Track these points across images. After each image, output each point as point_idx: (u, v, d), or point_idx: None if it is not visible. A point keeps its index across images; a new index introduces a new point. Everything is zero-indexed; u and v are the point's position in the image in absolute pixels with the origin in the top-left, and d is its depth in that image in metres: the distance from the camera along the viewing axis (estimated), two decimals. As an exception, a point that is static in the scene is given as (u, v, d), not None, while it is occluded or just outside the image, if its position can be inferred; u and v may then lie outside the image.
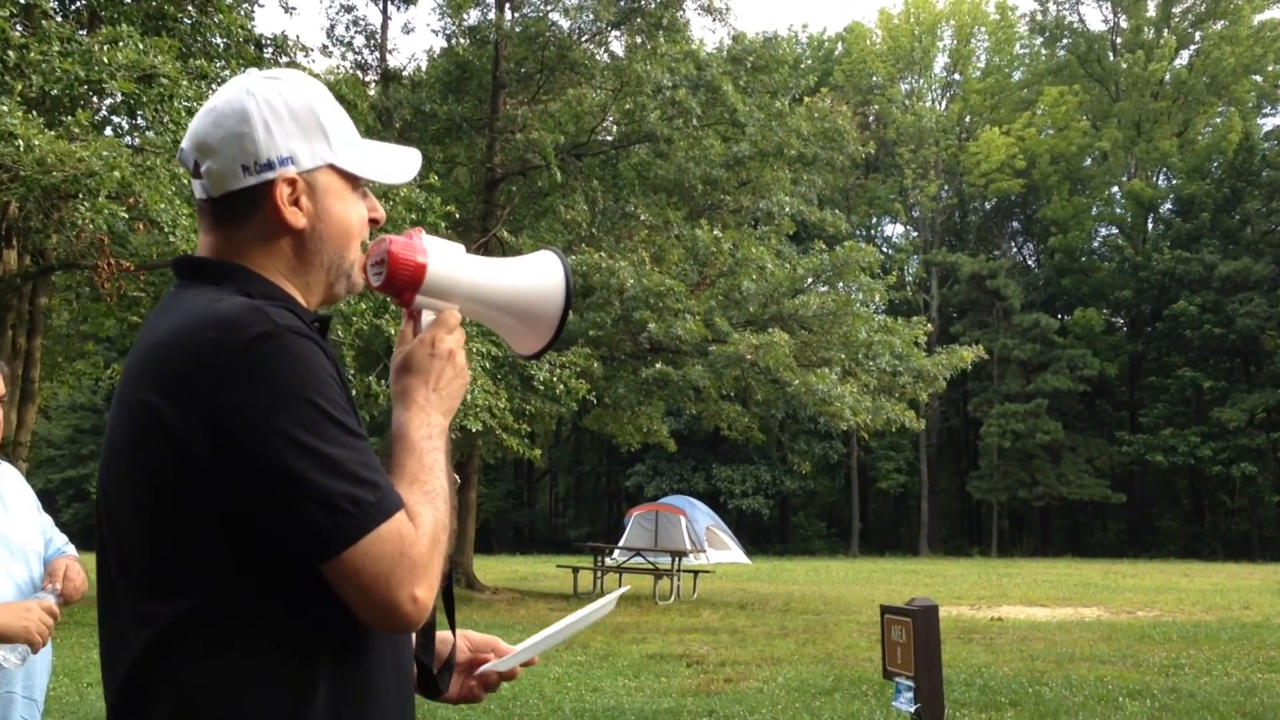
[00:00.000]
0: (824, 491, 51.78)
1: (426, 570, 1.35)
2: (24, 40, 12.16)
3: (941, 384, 19.41)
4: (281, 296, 1.47)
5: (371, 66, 23.05)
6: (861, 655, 11.59)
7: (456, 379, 1.54)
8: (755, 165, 20.69)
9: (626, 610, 17.11)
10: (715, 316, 18.21)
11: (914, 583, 23.83)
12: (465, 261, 1.58)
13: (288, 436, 1.30)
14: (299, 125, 1.47)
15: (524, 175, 21.04)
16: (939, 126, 50.95)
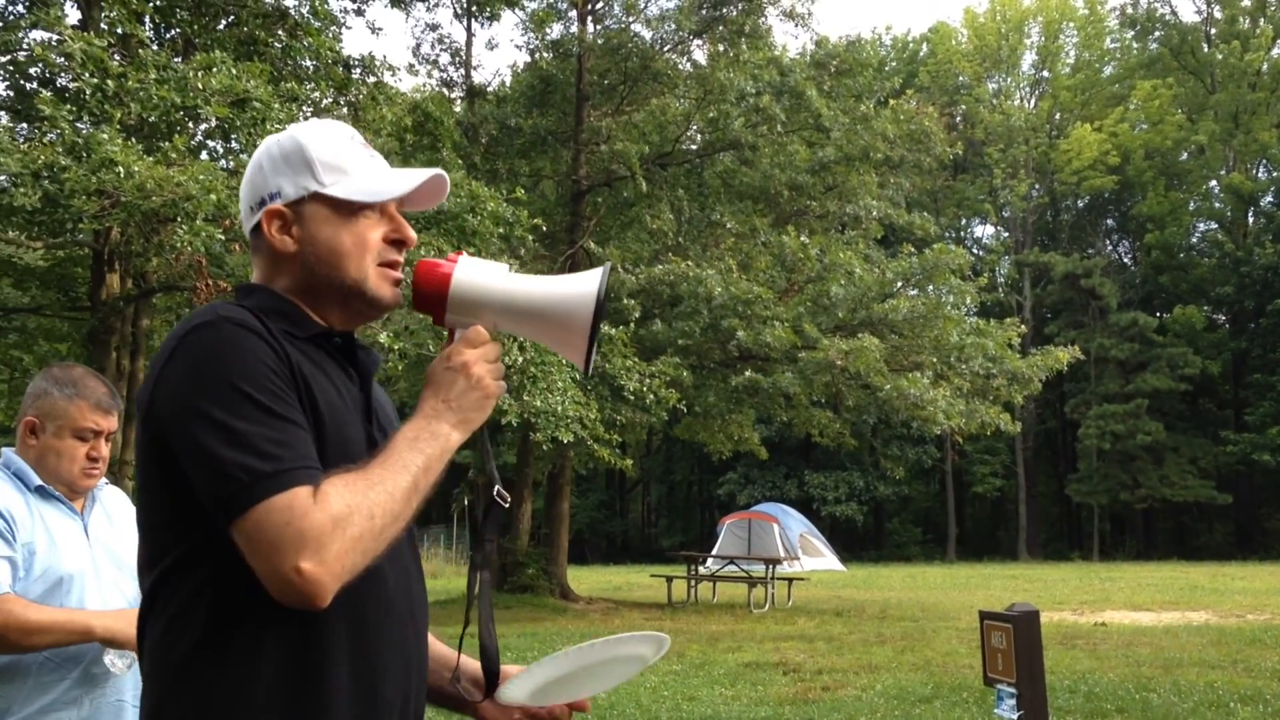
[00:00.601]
0: (918, 497, 51.18)
1: (318, 545, 1.39)
2: (122, 69, 12.51)
3: (1037, 386, 19.08)
4: (287, 310, 1.64)
5: (457, 83, 23.32)
6: (961, 662, 11.43)
7: (471, 391, 1.59)
8: (841, 170, 20.55)
9: (722, 618, 17.08)
10: (804, 323, 18.10)
11: (1013, 588, 23.44)
12: (497, 276, 1.62)
13: (202, 412, 1.45)
14: (288, 164, 1.66)
15: (609, 186, 21.13)
16: (1028, 125, 50.17)
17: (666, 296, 18.97)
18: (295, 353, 1.57)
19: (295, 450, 1.45)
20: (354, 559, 1.43)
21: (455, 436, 1.57)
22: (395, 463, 1.49)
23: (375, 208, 1.67)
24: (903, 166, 21.68)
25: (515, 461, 22.27)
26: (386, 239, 1.68)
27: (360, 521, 1.42)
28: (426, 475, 1.52)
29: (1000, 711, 7.24)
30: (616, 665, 1.82)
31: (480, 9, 20.88)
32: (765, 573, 19.46)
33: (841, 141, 20.04)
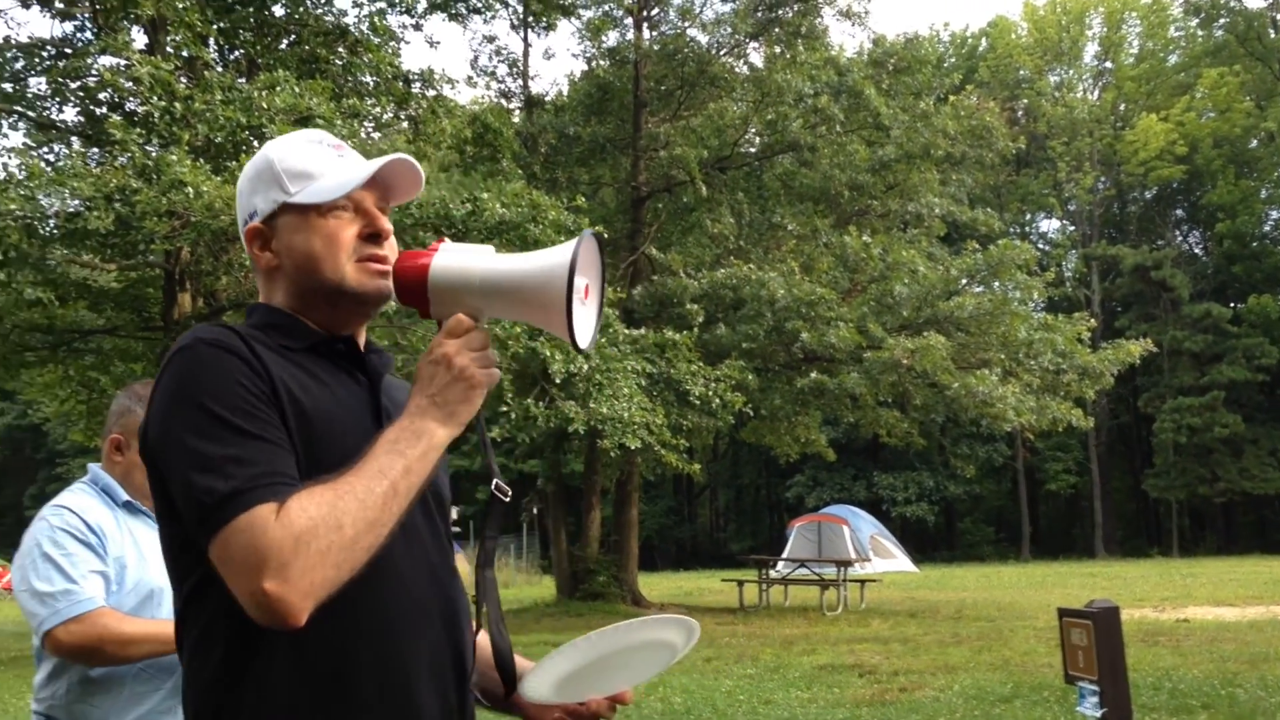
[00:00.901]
0: (990, 495, 50.57)
1: (280, 564, 1.36)
2: (189, 91, 12.75)
3: (1109, 380, 18.80)
4: (283, 323, 1.66)
5: (515, 94, 23.48)
6: (1040, 661, 11.28)
7: (455, 384, 1.52)
8: (902, 168, 20.43)
9: (795, 621, 17.00)
10: (868, 322, 17.99)
11: (1091, 585, 23.10)
12: (477, 260, 1.56)
13: (176, 437, 1.47)
14: (260, 181, 1.69)
15: (669, 192, 21.15)
16: (1092, 117, 49.50)
17: (729, 300, 18.94)
18: (284, 365, 1.56)
19: (260, 467, 1.43)
20: (324, 574, 1.38)
21: (441, 433, 1.51)
22: (370, 468, 1.45)
23: (347, 206, 1.65)
24: (964, 163, 21.50)
25: (583, 469, 22.34)
26: (361, 235, 1.66)
27: (326, 534, 1.38)
28: (407, 477, 1.46)
29: (1083, 709, 7.14)
30: (643, 653, 1.71)
31: (537, 19, 21.01)
32: (837, 575, 19.35)
33: (902, 139, 19.91)
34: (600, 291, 1.61)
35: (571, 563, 21.26)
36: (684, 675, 11.27)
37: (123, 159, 12.30)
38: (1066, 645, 7.47)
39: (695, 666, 12.05)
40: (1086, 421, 19.29)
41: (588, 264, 1.56)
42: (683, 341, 16.65)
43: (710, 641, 14.60)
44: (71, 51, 16.02)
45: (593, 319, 1.59)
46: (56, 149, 16.56)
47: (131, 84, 12.89)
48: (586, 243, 1.53)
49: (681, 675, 11.28)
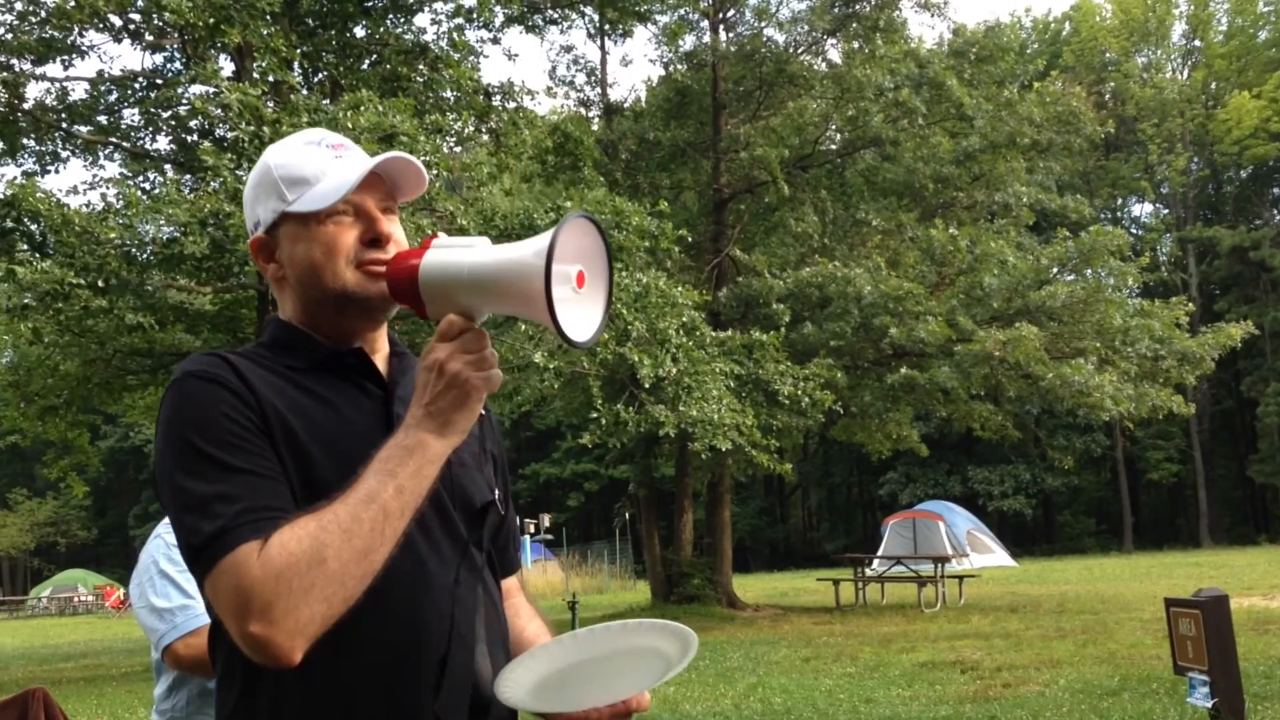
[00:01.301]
0: (1089, 487, 49.63)
1: (264, 605, 1.32)
2: (276, 115, 13.03)
3: (1209, 365, 18.37)
4: (292, 340, 1.63)
5: (594, 102, 23.61)
6: (1148, 653, 11.08)
7: (449, 391, 1.43)
8: (987, 158, 20.16)
9: (893, 619, 16.87)
10: (958, 315, 17.79)
11: (1198, 575, 22.58)
12: (468, 254, 1.45)
13: (167, 477, 1.45)
14: (261, 189, 1.64)
15: (751, 193, 21.12)
16: (1182, 97, 48.42)
17: (815, 299, 18.84)
18: (282, 389, 1.52)
19: (245, 503, 1.39)
20: (311, 610, 1.33)
21: (437, 445, 1.43)
22: (358, 494, 1.38)
23: (347, 210, 1.59)
24: (1051, 150, 21.17)
25: (674, 473, 22.37)
26: (362, 239, 1.59)
27: (306, 571, 1.33)
28: (400, 497, 1.38)
29: (1193, 700, 7.02)
30: (633, 660, 1.57)
31: (613, 27, 21.12)
32: (934, 571, 19.16)
33: (986, 129, 19.66)
34: (605, 279, 1.47)
35: (665, 566, 21.30)
36: (783, 675, 11.25)
37: (215, 184, 12.61)
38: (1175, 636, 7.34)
39: (794, 666, 12.02)
40: (1187, 408, 18.88)
41: (581, 249, 1.43)
42: (770, 341, 16.61)
43: (808, 641, 14.55)
44: (162, 82, 16.49)
45: (594, 310, 1.46)
46: (151, 177, 17.04)
47: (221, 111, 13.20)
48: (571, 226, 1.39)
49: (781, 675, 11.27)
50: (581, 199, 14.66)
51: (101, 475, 43.73)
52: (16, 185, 12.99)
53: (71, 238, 12.40)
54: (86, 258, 12.36)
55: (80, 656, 20.58)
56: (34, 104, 16.24)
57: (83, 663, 19.00)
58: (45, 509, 55.88)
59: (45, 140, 16.67)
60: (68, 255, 12.45)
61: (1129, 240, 20.47)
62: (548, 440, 51.95)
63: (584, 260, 1.43)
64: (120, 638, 25.86)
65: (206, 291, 16.21)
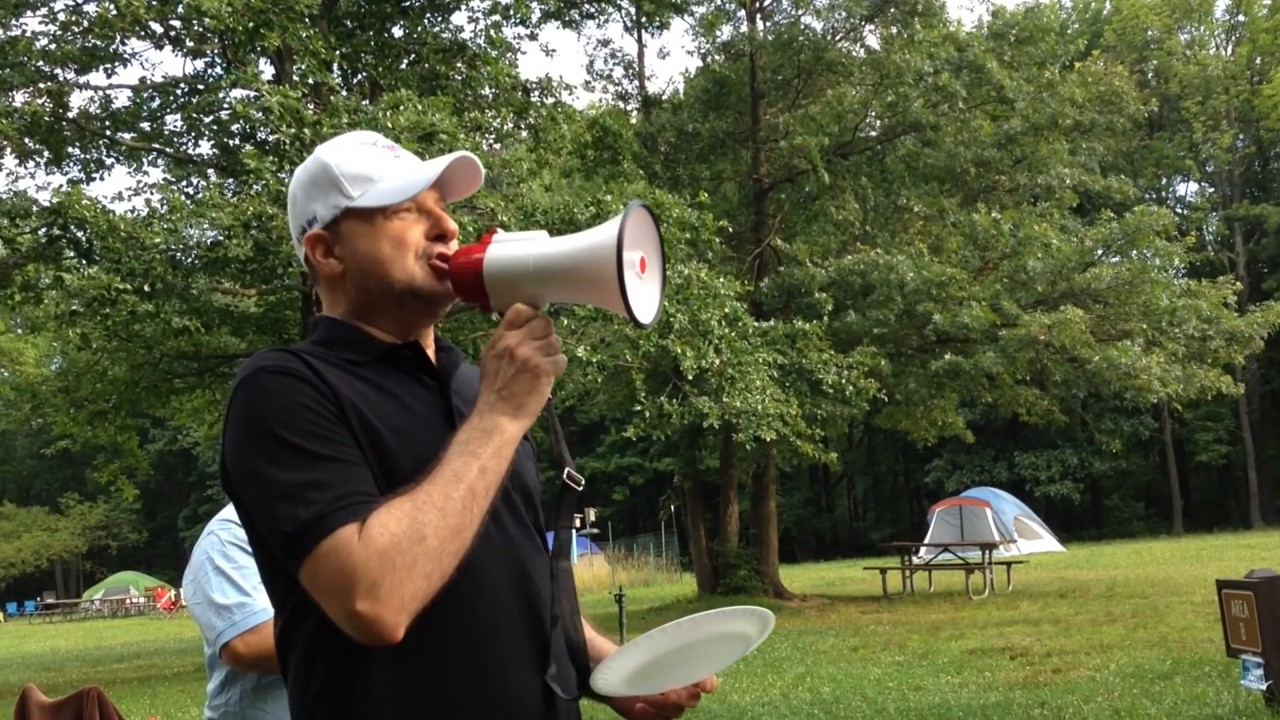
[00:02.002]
0: (1138, 470, 49.11)
1: (371, 585, 1.36)
2: (316, 117, 13.14)
3: (1259, 344, 18.14)
4: (348, 336, 1.65)
5: (632, 95, 23.63)
6: (1200, 636, 10.97)
7: (521, 375, 1.50)
8: (1029, 140, 19.99)
9: (941, 607, 16.80)
10: (1002, 300, 17.67)
11: (1249, 557, 22.29)
12: (529, 247, 1.53)
13: (252, 468, 1.47)
14: (317, 187, 1.66)
15: (791, 182, 21.06)
16: (1227, 73, 47.72)
17: (858, 286, 18.77)
18: (350, 381, 1.56)
19: (338, 489, 1.43)
20: (414, 586, 1.39)
21: (512, 427, 1.50)
22: (445, 474, 1.44)
23: (411, 207, 1.64)
24: (1094, 130, 20.97)
25: (719, 464, 22.37)
26: (428, 235, 1.64)
27: (409, 548, 1.38)
28: (484, 477, 1.46)
29: (1247, 683, 6.96)
30: (718, 645, 1.67)
31: (650, 19, 21.12)
32: (982, 558, 19.06)
33: (1027, 111, 19.49)
34: (660, 264, 1.56)
35: (711, 558, 21.32)
36: (831, 665, 11.24)
37: (257, 187, 12.73)
38: (1227, 618, 7.27)
39: (842, 655, 12.01)
40: (1237, 388, 18.68)
41: (641, 236, 1.52)
42: (813, 330, 16.57)
43: (856, 630, 14.52)
44: (204, 87, 16.67)
45: (653, 292, 1.55)
46: (195, 182, 17.24)
47: (262, 114, 13.32)
48: (635, 214, 1.48)
49: (829, 665, 11.26)
50: (621, 192, 14.68)
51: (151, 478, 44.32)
52: (63, 193, 13.15)
53: (117, 243, 12.55)
54: (132, 263, 12.51)
55: (133, 657, 20.87)
56: (78, 112, 16.47)
57: (135, 663, 19.27)
58: (96, 512, 56.64)
59: (90, 148, 16.90)
60: (114, 261, 12.59)
61: (1174, 220, 20.26)
62: (592, 434, 52.06)
63: (644, 247, 1.52)
64: (172, 638, 26.20)
65: (251, 294, 16.37)
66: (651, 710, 1.72)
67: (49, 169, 16.55)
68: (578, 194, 15.59)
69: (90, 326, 14.29)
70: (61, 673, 18.49)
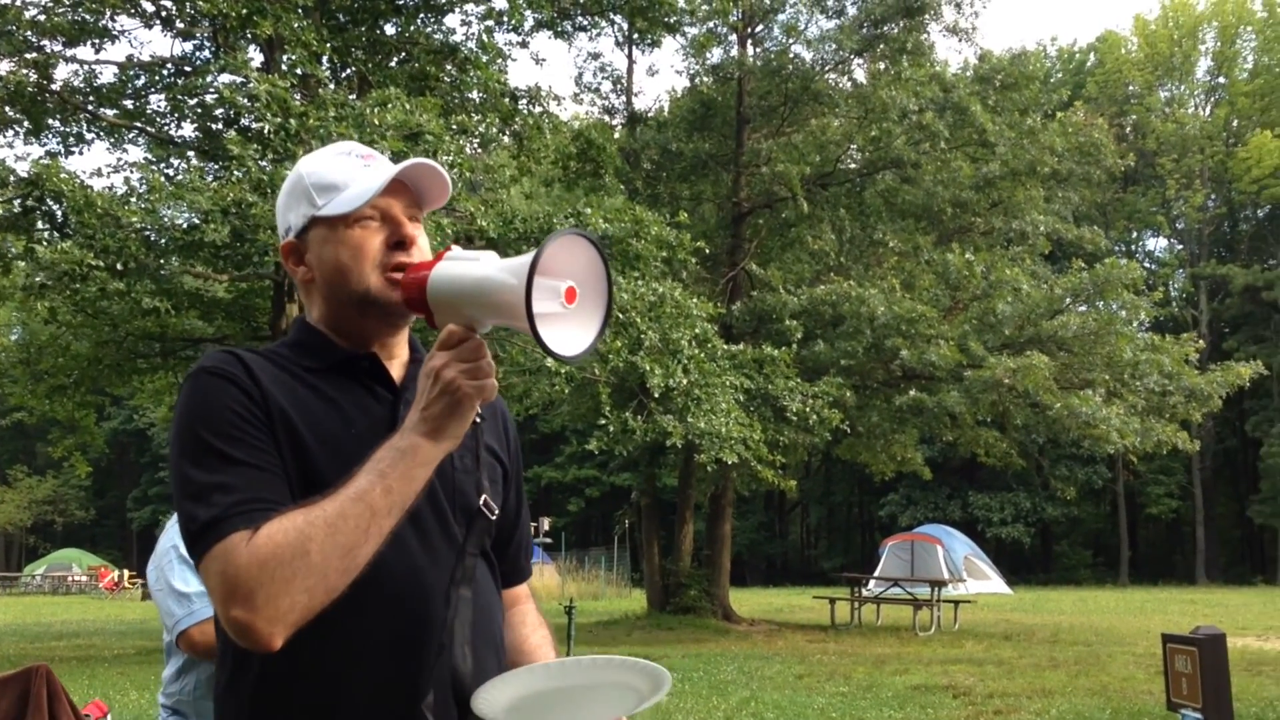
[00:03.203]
0: (1088, 518, 49.57)
1: (247, 592, 1.38)
2: (303, 109, 13.12)
3: (1217, 403, 18.39)
4: (311, 342, 1.70)
5: (618, 110, 23.70)
6: (1140, 687, 11.11)
7: (441, 397, 1.47)
8: (1007, 185, 20.21)
9: (887, 641, 16.90)
10: (969, 341, 17.84)
11: (1193, 613, 22.60)
12: (474, 267, 1.48)
13: (173, 461, 1.53)
14: (293, 197, 1.71)
15: (770, 208, 21.18)
16: (1203, 133, 48.42)
17: (829, 317, 18.90)
18: (292, 388, 1.59)
19: (241, 494, 1.45)
20: (292, 599, 1.38)
21: (429, 448, 1.47)
22: (349, 491, 1.43)
23: (374, 216, 1.65)
24: (1071, 180, 21.21)
25: (678, 483, 22.41)
26: (387, 243, 1.65)
27: (290, 561, 1.38)
28: (388, 496, 1.43)
29: (1186, 738, 7.06)
30: (608, 693, 1.61)
31: (642, 36, 21.18)
32: (931, 595, 19.19)
33: (1007, 156, 19.70)
34: (603, 296, 1.49)
35: (663, 576, 21.35)
36: (775, 691, 11.29)
37: (239, 173, 12.68)
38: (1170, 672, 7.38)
39: (787, 682, 12.06)
40: (1192, 445, 18.91)
41: (574, 265, 1.45)
42: (781, 357, 16.66)
43: (802, 658, 14.58)
44: (191, 70, 16.59)
45: (585, 326, 1.48)
46: (175, 164, 17.14)
47: (248, 101, 13.28)
48: (562, 241, 1.42)
49: (774, 691, 11.31)
50: (601, 206, 14.73)
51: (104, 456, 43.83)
52: (41, 165, 13.06)
53: (93, 219, 12.46)
54: (107, 240, 12.42)
55: (73, 635, 20.64)
56: (62, 85, 16.36)
57: (75, 642, 19.06)
58: (44, 487, 55.98)
59: (70, 121, 16.78)
60: (88, 237, 12.50)
61: (1143, 274, 20.52)
62: (552, 444, 51.98)
63: (578, 277, 1.45)
64: (113, 619, 25.93)
65: (223, 280, 16.29)
66: None
67: (28, 139, 16.42)
68: (557, 204, 15.63)
69: (59, 301, 14.19)
70: (0, 646, 18.27)
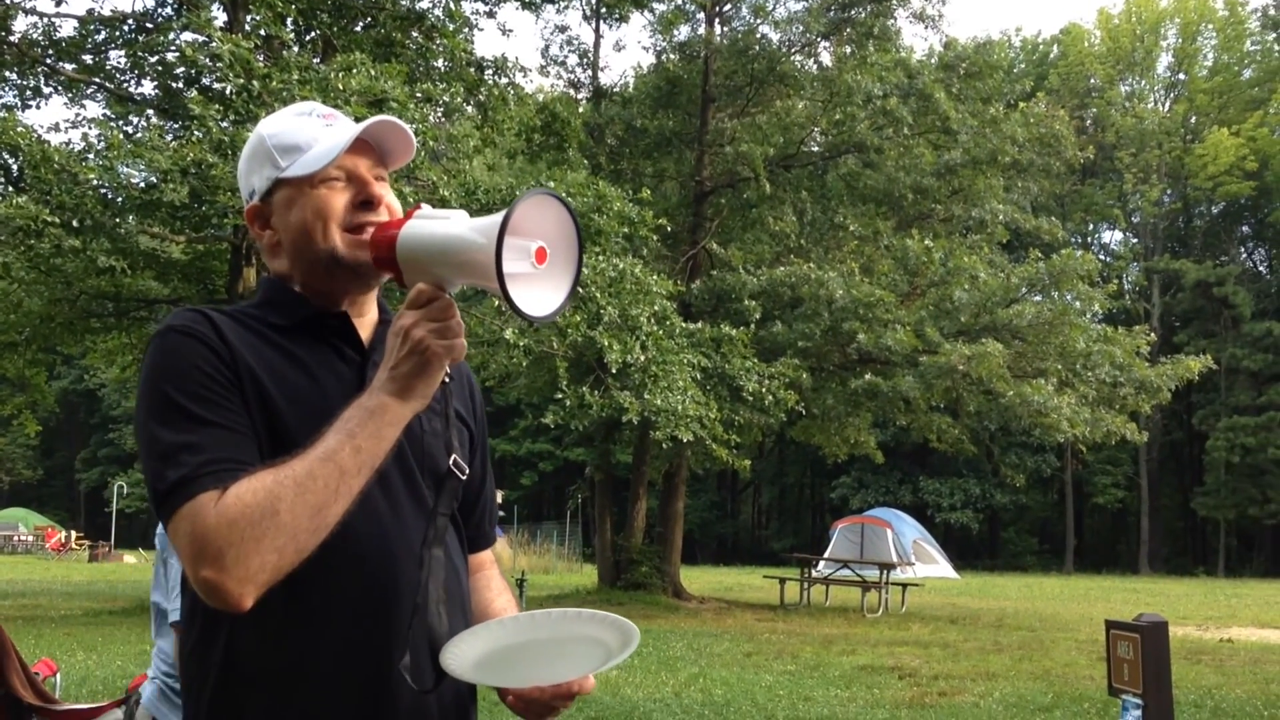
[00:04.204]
0: (1036, 506, 50.20)
1: (216, 552, 1.37)
2: (266, 70, 12.98)
3: (1166, 395, 18.65)
4: (279, 299, 1.68)
5: (584, 84, 23.61)
6: (1081, 673, 11.29)
7: (410, 356, 1.47)
8: (967, 173, 20.33)
9: (835, 621, 17.06)
10: (926, 327, 17.98)
11: (1135, 601, 22.94)
12: (444, 225, 1.47)
13: (140, 420, 1.52)
14: (255, 160, 1.69)
15: (733, 188, 21.20)
16: (1162, 129, 48.93)
17: (787, 298, 18.98)
18: (258, 348, 1.58)
19: (209, 454, 1.44)
20: (262, 559, 1.38)
21: (398, 408, 1.47)
22: (318, 451, 1.43)
23: (340, 175, 1.64)
24: (1030, 170, 21.38)
25: (632, 460, 22.47)
26: (353, 203, 1.64)
27: (259, 520, 1.38)
28: (356, 456, 1.43)
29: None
30: (577, 646, 1.60)
31: (610, 11, 21.14)
32: (879, 577, 19.37)
33: (969, 144, 19.82)
34: (573, 258, 1.49)
35: (615, 552, 21.41)
36: (724, 668, 11.38)
37: (199, 134, 12.54)
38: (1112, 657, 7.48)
39: (736, 660, 12.16)
40: (1140, 436, 19.17)
41: (545, 226, 1.45)
42: (739, 337, 16.73)
43: (751, 636, 14.70)
44: (152, 26, 16.36)
45: (554, 287, 1.48)
46: (134, 121, 16.91)
47: (210, 61, 13.12)
48: (533, 200, 1.43)
49: (722, 668, 11.40)
50: (564, 180, 14.69)
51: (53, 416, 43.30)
52: (-3, 118, 12.88)
53: (50, 175, 12.30)
54: (63, 196, 12.28)
55: (18, 595, 20.45)
56: (20, 37, 16.10)
57: (20, 601, 18.89)
58: (-10, 444, 55.34)
59: (28, 75, 16.51)
60: (44, 192, 12.35)
61: (1098, 266, 20.74)
62: (506, 417, 51.88)
63: (548, 238, 1.45)
64: (59, 580, 25.71)
65: (180, 241, 16.12)
66: (520, 705, 1.66)
67: (-18, 92, 16.17)
68: (520, 176, 15.58)
69: (13, 256, 13.99)
70: (-58, 604, 18.07)
